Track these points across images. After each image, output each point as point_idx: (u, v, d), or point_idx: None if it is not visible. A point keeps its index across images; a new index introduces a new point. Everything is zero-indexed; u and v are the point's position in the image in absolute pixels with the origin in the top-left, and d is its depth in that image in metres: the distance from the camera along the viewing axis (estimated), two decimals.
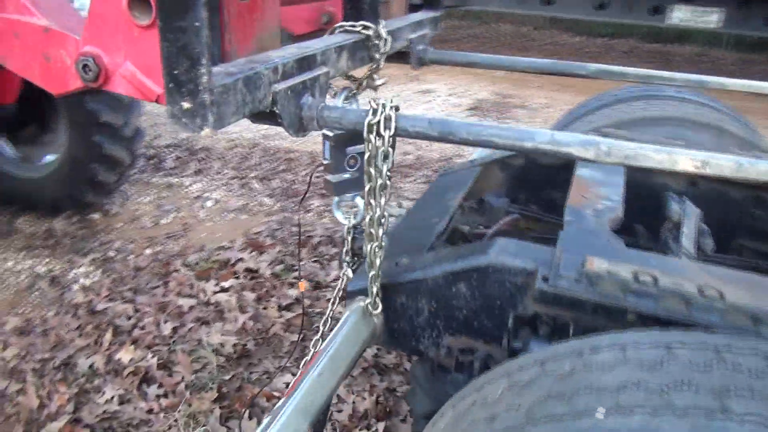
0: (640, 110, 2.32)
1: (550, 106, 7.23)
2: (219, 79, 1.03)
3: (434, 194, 1.99)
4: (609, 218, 1.55)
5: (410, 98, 7.09)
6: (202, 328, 2.53)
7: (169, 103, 1.02)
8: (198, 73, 0.97)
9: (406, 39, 2.00)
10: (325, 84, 1.40)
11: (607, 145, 1.14)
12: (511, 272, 1.32)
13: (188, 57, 0.96)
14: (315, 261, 3.09)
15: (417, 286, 1.42)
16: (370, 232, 1.37)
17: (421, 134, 1.23)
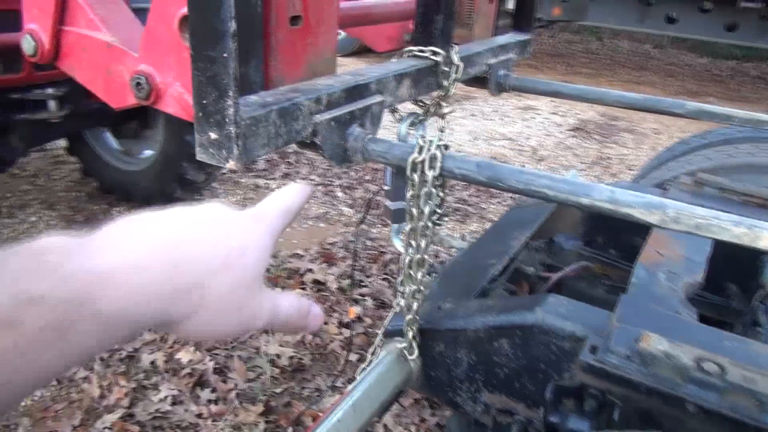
0: (746, 155, 2.07)
1: (661, 132, 6.77)
2: (250, 110, 1.00)
3: (499, 231, 1.87)
4: (685, 282, 1.37)
5: (509, 114, 6.89)
6: (262, 336, 2.55)
7: (197, 132, 1.00)
8: (225, 105, 0.94)
9: (485, 64, 1.90)
10: (379, 113, 1.34)
11: (675, 209, 1.00)
12: (558, 335, 1.19)
13: (216, 87, 0.93)
14: (383, 279, 3.04)
15: (457, 335, 1.33)
16: (409, 273, 1.29)
17: (468, 177, 1.14)
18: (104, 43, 1.30)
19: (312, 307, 0.66)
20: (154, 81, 1.20)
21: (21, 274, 0.39)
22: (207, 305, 0.51)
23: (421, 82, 1.53)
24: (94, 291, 0.42)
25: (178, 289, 0.49)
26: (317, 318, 0.67)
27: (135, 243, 0.48)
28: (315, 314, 0.66)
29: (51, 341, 0.39)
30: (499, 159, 5.40)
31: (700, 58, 12.09)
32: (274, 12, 1.09)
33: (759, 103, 8.93)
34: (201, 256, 0.51)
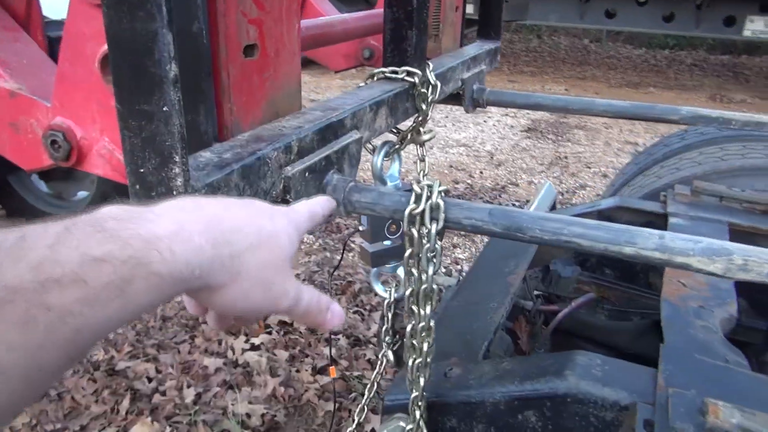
0: (738, 157, 1.95)
1: (611, 126, 6.78)
2: (205, 174, 0.76)
3: (491, 263, 1.68)
4: (721, 319, 1.20)
5: (461, 119, 6.77)
6: (228, 393, 2.28)
7: None
8: (170, 173, 0.71)
9: (459, 79, 1.70)
10: (357, 153, 1.12)
11: (743, 256, 0.82)
12: (598, 405, 1.00)
13: (156, 151, 0.70)
14: (355, 312, 2.81)
15: (472, 409, 1.12)
16: (412, 344, 1.07)
17: (479, 229, 0.94)
18: (6, 92, 1.03)
19: (332, 304, 0.69)
20: (74, 137, 0.95)
21: (85, 238, 0.44)
22: (243, 277, 0.56)
23: (398, 109, 1.32)
24: (149, 254, 0.47)
25: (221, 256, 0.54)
26: (337, 315, 0.68)
27: (185, 215, 0.53)
28: (335, 311, 0.68)
29: (112, 297, 0.44)
30: (457, 167, 5.25)
31: (637, 49, 12.34)
32: (223, 42, 0.86)
33: (697, 90, 9.13)
34: (241, 231, 0.57)
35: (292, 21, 1.02)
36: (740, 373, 1.02)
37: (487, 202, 4.47)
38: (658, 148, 2.38)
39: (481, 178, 5.03)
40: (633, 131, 6.64)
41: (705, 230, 1.57)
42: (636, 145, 6.14)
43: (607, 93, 8.64)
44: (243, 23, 0.89)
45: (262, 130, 0.95)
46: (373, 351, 2.50)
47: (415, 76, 1.33)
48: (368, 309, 2.86)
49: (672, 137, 2.39)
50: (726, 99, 8.53)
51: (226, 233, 0.55)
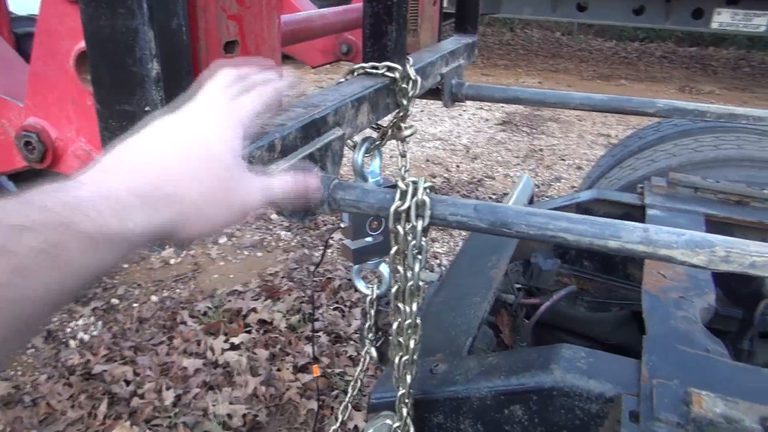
0: (711, 148, 1.98)
1: (584, 118, 6.86)
2: None
3: (472, 257, 1.68)
4: (700, 309, 1.22)
5: (436, 113, 6.78)
6: (209, 394, 2.26)
7: None
8: None
9: (438, 74, 1.70)
10: (340, 150, 1.11)
11: (725, 248, 0.83)
12: (584, 397, 1.01)
13: None
14: (335, 308, 2.80)
15: (459, 404, 1.12)
16: (399, 341, 1.07)
17: (465, 225, 0.93)
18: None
19: (309, 180, 0.75)
20: (49, 138, 0.93)
21: (9, 210, 0.45)
22: (190, 206, 0.57)
23: (380, 105, 1.31)
24: (73, 216, 0.47)
25: (152, 201, 0.54)
26: (312, 181, 0.76)
27: (108, 175, 0.54)
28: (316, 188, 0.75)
29: (46, 263, 0.44)
30: (434, 161, 5.26)
31: (608, 41, 12.50)
32: (203, 39, 0.84)
33: (666, 82, 9.29)
34: (168, 169, 0.57)
35: (272, 16, 1.00)
36: (721, 362, 1.04)
37: (464, 196, 4.49)
38: (633, 140, 2.41)
39: (457, 172, 5.05)
40: (606, 123, 6.73)
41: (682, 221, 1.59)
42: (609, 137, 6.23)
43: (579, 85, 8.74)
44: (223, 19, 0.88)
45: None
46: (355, 348, 2.50)
47: (396, 71, 1.32)
48: (348, 305, 2.85)
49: (647, 129, 2.42)
50: (695, 90, 8.69)
51: (152, 178, 0.56)
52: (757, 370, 1.02)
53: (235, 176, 0.62)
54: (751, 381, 0.99)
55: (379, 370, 2.05)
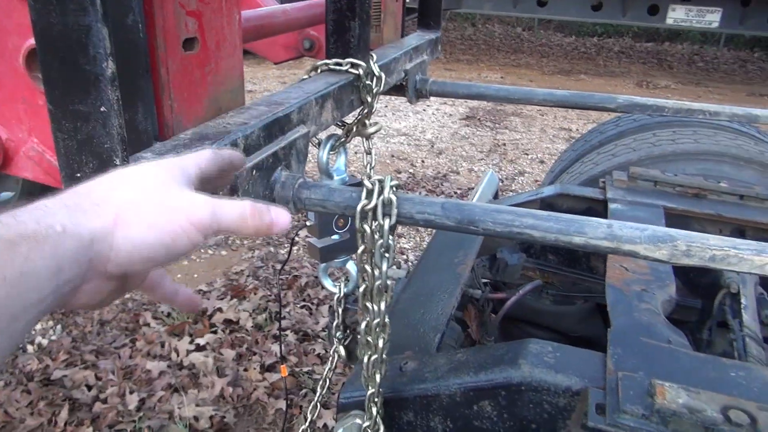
0: (669, 143, 2.02)
1: (546, 113, 6.96)
2: None
3: (440, 254, 1.68)
4: (662, 301, 1.25)
5: (400, 108, 6.79)
6: (174, 397, 2.21)
7: None
8: None
9: (402, 70, 1.69)
10: (304, 148, 1.10)
11: (687, 242, 0.85)
12: (551, 392, 1.02)
13: (94, 154, 0.66)
14: (302, 306, 2.78)
15: (429, 401, 1.12)
16: (367, 340, 1.06)
17: (432, 223, 0.93)
18: None
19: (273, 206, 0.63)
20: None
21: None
22: (125, 213, 0.52)
23: (344, 102, 1.30)
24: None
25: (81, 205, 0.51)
26: (282, 215, 0.63)
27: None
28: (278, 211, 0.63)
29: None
30: (399, 156, 5.26)
31: (567, 37, 12.70)
32: (161, 36, 0.82)
33: (624, 77, 9.49)
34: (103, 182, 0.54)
35: (233, 12, 0.98)
36: (683, 353, 1.06)
37: (430, 191, 4.50)
38: (594, 135, 2.45)
39: (422, 167, 5.06)
40: (567, 118, 6.84)
41: (643, 214, 1.63)
42: (570, 131, 6.33)
43: (540, 80, 8.85)
44: (181, 15, 0.85)
45: (206, 127, 0.91)
46: (323, 345, 2.48)
47: (360, 67, 1.31)
48: (316, 303, 2.83)
49: (607, 124, 2.46)
50: (651, 85, 8.90)
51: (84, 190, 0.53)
52: (716, 359, 1.05)
53: (173, 187, 0.57)
54: (711, 371, 1.01)
55: (348, 369, 2.04)
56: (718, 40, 11.92)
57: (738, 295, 1.43)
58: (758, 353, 1.28)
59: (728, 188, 1.72)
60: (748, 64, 10.86)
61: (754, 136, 2.12)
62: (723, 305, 1.45)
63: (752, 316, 1.39)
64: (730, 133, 2.07)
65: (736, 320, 1.38)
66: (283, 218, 0.62)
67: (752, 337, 1.32)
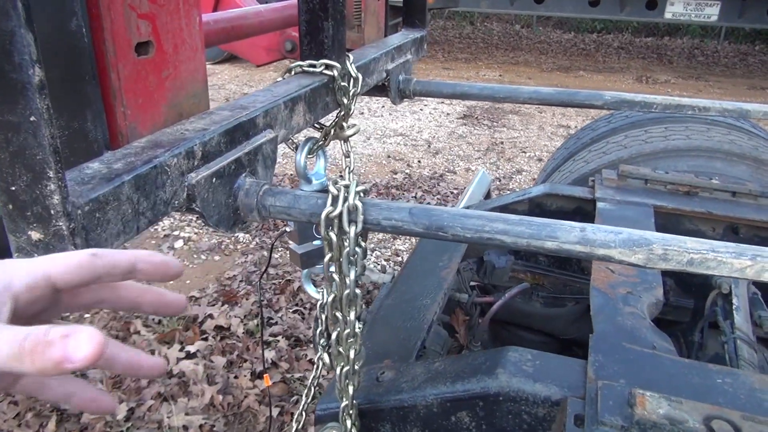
0: (661, 139, 1.98)
1: (544, 110, 6.91)
2: (89, 189, 0.69)
3: (424, 257, 1.65)
4: (648, 304, 1.21)
5: (398, 108, 6.75)
6: (164, 406, 2.18)
7: (9, 231, 0.68)
8: (45, 191, 0.63)
9: (384, 70, 1.66)
10: (272, 153, 1.06)
11: (663, 245, 0.81)
12: (530, 402, 0.98)
13: (27, 167, 0.62)
14: (294, 311, 2.75)
15: (406, 413, 1.09)
16: (339, 351, 1.03)
17: (400, 229, 0.90)
18: None
19: (67, 335, 0.44)
20: None
21: None
22: None
23: (318, 104, 1.26)
24: None
25: None
26: (81, 349, 0.44)
27: None
28: (75, 345, 0.44)
29: None
30: (396, 156, 5.22)
31: (566, 33, 12.64)
32: (109, 41, 0.78)
33: (624, 72, 9.42)
34: None
35: (192, 14, 0.94)
36: (667, 359, 1.02)
37: (426, 191, 4.47)
38: (585, 132, 2.41)
39: (419, 167, 5.03)
40: (566, 115, 6.79)
41: (631, 214, 1.59)
42: (568, 128, 6.28)
43: (539, 78, 8.80)
44: (132, 18, 0.82)
45: (162, 134, 0.87)
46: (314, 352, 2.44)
47: (334, 69, 1.28)
48: (308, 308, 2.80)
49: (599, 121, 2.42)
50: (651, 80, 8.84)
51: None
52: (701, 365, 1.01)
53: None
54: (696, 377, 0.98)
55: None
56: (719, 33, 11.84)
57: (730, 295, 1.39)
58: (749, 356, 1.25)
59: (720, 185, 1.68)
60: (749, 57, 10.78)
61: (749, 131, 2.07)
62: (715, 306, 1.41)
63: (744, 318, 1.35)
64: (723, 128, 2.03)
65: (727, 322, 1.34)
66: (84, 349, 0.44)
67: (744, 340, 1.28)
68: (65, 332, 0.44)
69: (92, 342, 0.44)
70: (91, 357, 0.44)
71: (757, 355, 1.27)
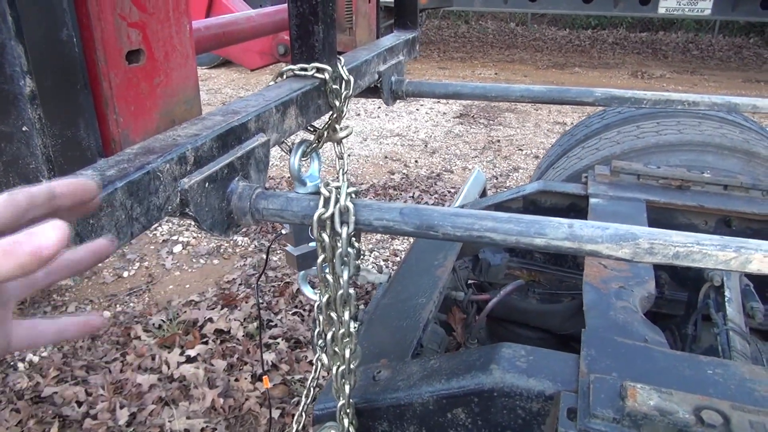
0: (653, 134, 2.00)
1: (540, 108, 6.93)
2: None
3: (420, 256, 1.66)
4: (640, 298, 1.22)
5: (394, 108, 6.76)
6: (165, 410, 2.19)
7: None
8: None
9: (376, 72, 1.67)
10: (265, 157, 1.07)
11: (649, 239, 0.82)
12: (524, 397, 1.00)
13: (20, 175, 0.64)
14: (294, 313, 2.76)
15: (402, 411, 1.10)
16: (334, 351, 1.05)
17: (391, 229, 0.91)
18: None
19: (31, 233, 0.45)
20: None
21: None
22: None
23: (309, 107, 1.28)
24: None
25: None
26: (48, 237, 0.45)
27: None
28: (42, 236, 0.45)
29: None
30: (393, 157, 5.24)
31: (561, 30, 12.66)
32: (100, 49, 0.80)
33: (619, 68, 9.44)
34: None
35: (182, 21, 0.96)
36: (659, 351, 1.03)
37: (423, 191, 4.48)
38: (579, 129, 2.42)
39: (416, 167, 5.04)
40: (561, 112, 6.81)
41: (624, 209, 1.60)
42: (564, 125, 6.30)
43: (535, 75, 8.82)
44: (122, 27, 0.83)
45: (154, 140, 0.89)
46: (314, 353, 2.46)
47: (325, 72, 1.29)
48: (307, 310, 2.81)
49: (592, 117, 2.43)
50: (647, 75, 8.85)
51: None
52: (692, 357, 1.03)
53: None
54: (687, 369, 0.99)
55: None
56: (713, 27, 11.86)
57: (722, 287, 1.40)
58: (742, 347, 1.26)
59: (712, 178, 1.70)
60: (744, 50, 10.80)
61: (740, 124, 2.09)
62: (707, 299, 1.43)
63: (736, 309, 1.36)
64: (714, 122, 2.04)
65: (720, 314, 1.35)
66: (51, 235, 0.46)
67: (736, 331, 1.29)
68: (29, 231, 0.46)
69: (56, 228, 0.46)
70: (61, 240, 0.46)
71: (749, 346, 1.28)
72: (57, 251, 0.46)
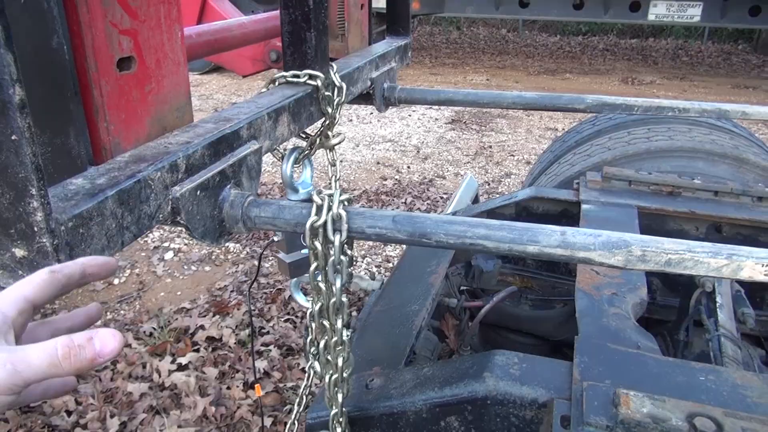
0: (644, 140, 2.01)
1: (532, 114, 6.96)
2: (72, 205, 0.70)
3: (413, 263, 1.66)
4: (633, 304, 1.23)
5: (386, 114, 6.77)
6: (156, 419, 2.17)
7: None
8: (28, 208, 0.64)
9: (368, 79, 1.67)
10: (257, 164, 1.07)
11: (641, 247, 0.82)
12: (517, 404, 0.99)
13: (10, 185, 0.63)
14: (286, 320, 2.75)
15: (395, 419, 1.09)
16: (327, 359, 1.04)
17: (384, 237, 0.91)
18: None
19: (92, 338, 0.54)
20: None
21: None
22: None
23: (302, 114, 1.27)
24: None
25: None
26: (108, 344, 0.55)
27: None
28: (103, 335, 0.55)
29: None
30: (385, 163, 5.24)
31: (552, 37, 12.73)
32: (91, 57, 0.79)
33: (610, 74, 9.50)
34: None
35: (173, 29, 0.95)
36: (651, 358, 1.04)
37: (415, 197, 4.48)
38: (571, 135, 2.43)
39: (408, 173, 5.04)
40: (553, 118, 6.84)
41: (616, 215, 1.61)
42: (556, 131, 6.32)
43: (526, 81, 8.86)
44: (114, 35, 0.83)
45: (145, 148, 0.88)
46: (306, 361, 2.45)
47: (318, 79, 1.29)
48: (300, 317, 2.80)
49: (584, 124, 2.44)
50: (637, 81, 8.92)
51: None
52: (685, 364, 1.03)
53: None
54: (680, 375, 0.99)
55: None
56: (702, 34, 11.96)
57: (713, 293, 1.41)
58: (734, 353, 1.26)
59: (702, 185, 1.71)
60: (733, 57, 10.91)
61: (730, 131, 2.10)
62: (699, 304, 1.43)
63: (728, 315, 1.37)
64: (704, 128, 2.05)
65: (711, 319, 1.36)
66: (110, 344, 0.54)
67: (728, 337, 1.30)
68: (88, 335, 0.54)
69: (115, 337, 0.55)
70: (117, 349, 0.54)
71: (741, 351, 1.28)
72: (111, 359, 0.54)
